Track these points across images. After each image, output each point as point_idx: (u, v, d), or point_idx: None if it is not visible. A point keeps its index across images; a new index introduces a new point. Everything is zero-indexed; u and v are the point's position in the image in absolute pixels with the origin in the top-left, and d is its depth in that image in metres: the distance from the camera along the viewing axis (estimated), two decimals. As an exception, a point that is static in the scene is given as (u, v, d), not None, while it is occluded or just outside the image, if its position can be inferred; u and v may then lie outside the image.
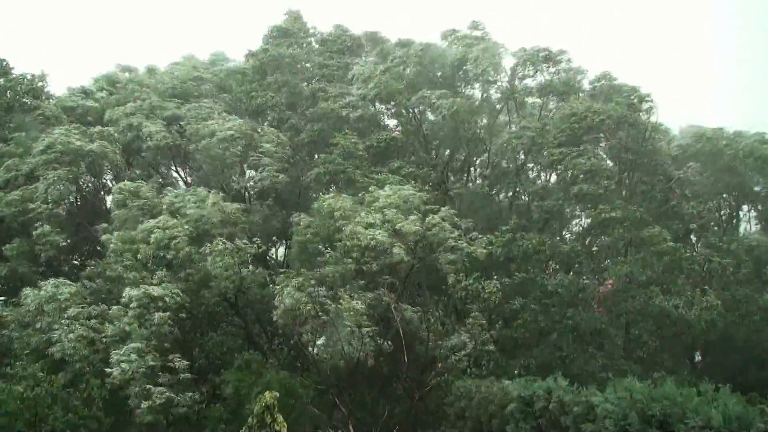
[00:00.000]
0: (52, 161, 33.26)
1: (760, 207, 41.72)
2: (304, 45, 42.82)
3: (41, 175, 33.07)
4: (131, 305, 26.73)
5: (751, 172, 39.48)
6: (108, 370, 25.27)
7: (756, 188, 40.90)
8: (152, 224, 29.16)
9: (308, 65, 42.33)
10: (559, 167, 36.43)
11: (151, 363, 25.41)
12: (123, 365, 25.04)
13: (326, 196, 32.33)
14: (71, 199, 35.86)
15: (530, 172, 41.04)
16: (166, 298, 26.86)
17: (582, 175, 34.35)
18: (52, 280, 28.99)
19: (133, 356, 25.26)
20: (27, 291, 28.37)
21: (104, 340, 26.39)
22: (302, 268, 29.41)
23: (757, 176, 39.99)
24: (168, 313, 26.69)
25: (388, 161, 38.19)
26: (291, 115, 40.82)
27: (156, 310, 26.64)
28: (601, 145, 37.60)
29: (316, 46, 44.00)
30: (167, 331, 26.75)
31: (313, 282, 28.10)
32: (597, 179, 34.23)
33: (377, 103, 40.82)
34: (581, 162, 34.40)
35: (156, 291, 26.96)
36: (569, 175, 35.25)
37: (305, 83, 41.89)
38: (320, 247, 30.08)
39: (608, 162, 37.96)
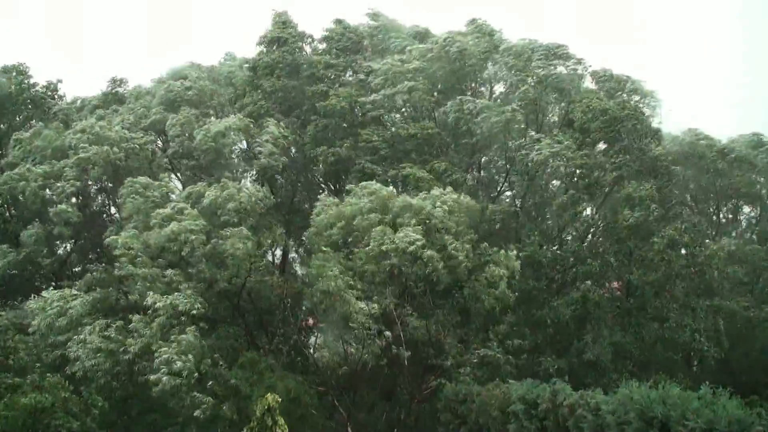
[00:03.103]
0: (87, 142, 32.23)
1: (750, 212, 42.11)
2: (296, 51, 41.97)
3: (73, 151, 31.99)
4: (157, 311, 25.51)
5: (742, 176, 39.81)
6: (152, 377, 24.08)
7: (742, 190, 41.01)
8: (167, 211, 27.89)
9: (305, 66, 41.42)
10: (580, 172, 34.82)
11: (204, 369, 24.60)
12: (177, 364, 23.80)
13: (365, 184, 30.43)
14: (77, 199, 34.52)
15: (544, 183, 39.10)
16: (193, 312, 25.85)
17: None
18: (56, 292, 27.54)
19: (189, 356, 24.33)
20: (31, 304, 27.10)
21: (128, 351, 25.17)
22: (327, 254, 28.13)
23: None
24: (194, 327, 25.82)
25: (427, 159, 35.77)
26: (281, 118, 38.71)
27: (180, 324, 25.67)
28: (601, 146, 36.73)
29: (309, 50, 43.04)
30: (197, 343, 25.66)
31: (353, 275, 27.09)
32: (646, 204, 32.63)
33: (403, 109, 39.22)
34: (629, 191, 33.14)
35: (181, 303, 25.82)
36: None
37: (306, 86, 41.16)
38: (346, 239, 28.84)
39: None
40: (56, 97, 40.72)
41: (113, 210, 36.75)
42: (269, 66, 39.36)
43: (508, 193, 40.85)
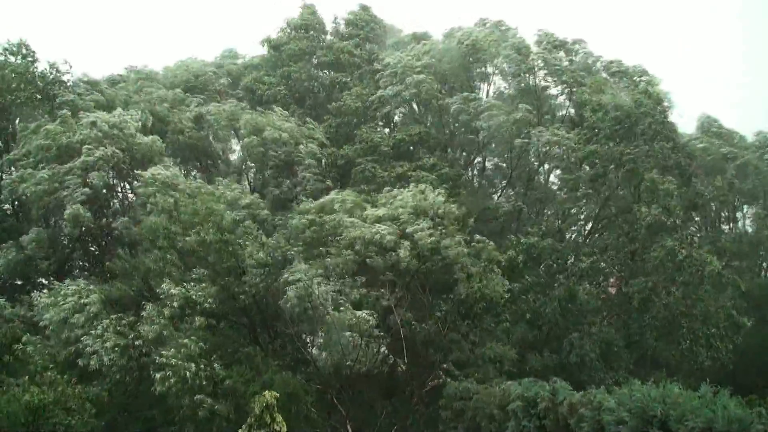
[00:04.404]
0: (94, 140, 31.67)
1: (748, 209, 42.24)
2: (320, 40, 42.05)
3: (79, 152, 31.34)
4: (171, 303, 25.60)
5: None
6: (159, 375, 23.95)
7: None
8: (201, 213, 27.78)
9: (323, 54, 41.37)
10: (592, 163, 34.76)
11: (203, 370, 24.61)
12: (188, 373, 23.90)
13: (332, 194, 31.24)
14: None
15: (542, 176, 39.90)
16: (206, 305, 26.06)
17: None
18: (70, 284, 27.32)
19: (201, 364, 24.49)
20: (42, 299, 26.73)
21: (137, 344, 25.21)
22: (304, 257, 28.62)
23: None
24: (204, 318, 26.05)
25: (418, 157, 36.54)
26: (296, 109, 39.77)
27: (193, 314, 25.90)
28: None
29: (331, 38, 43.00)
30: (201, 335, 25.72)
31: (319, 272, 27.35)
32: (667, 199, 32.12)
33: (414, 105, 39.38)
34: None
35: (194, 294, 26.05)
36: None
37: (322, 72, 41.23)
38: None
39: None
40: (62, 83, 38.28)
41: (115, 204, 36.69)
42: (296, 55, 39.82)
43: (511, 192, 41.06)
